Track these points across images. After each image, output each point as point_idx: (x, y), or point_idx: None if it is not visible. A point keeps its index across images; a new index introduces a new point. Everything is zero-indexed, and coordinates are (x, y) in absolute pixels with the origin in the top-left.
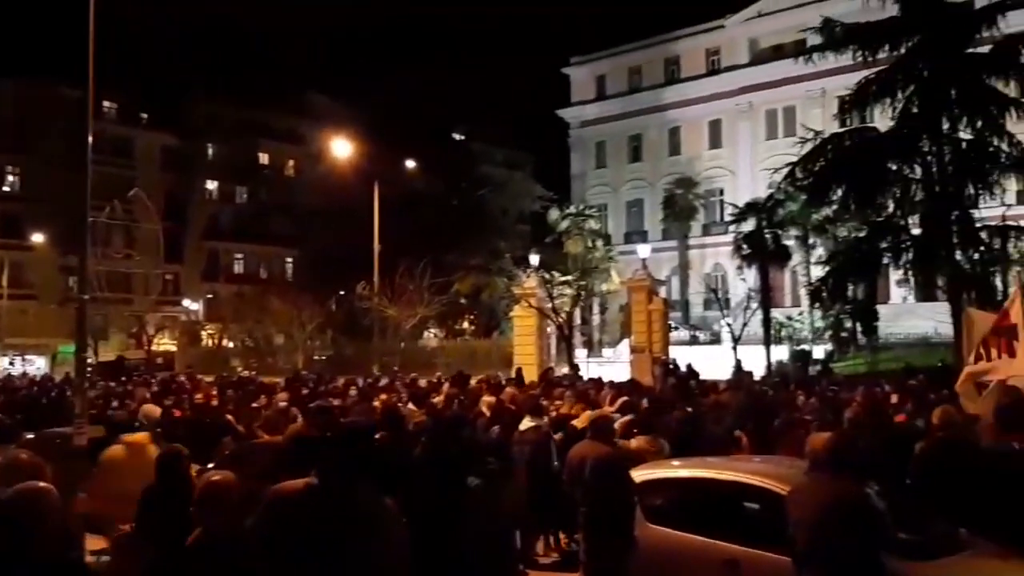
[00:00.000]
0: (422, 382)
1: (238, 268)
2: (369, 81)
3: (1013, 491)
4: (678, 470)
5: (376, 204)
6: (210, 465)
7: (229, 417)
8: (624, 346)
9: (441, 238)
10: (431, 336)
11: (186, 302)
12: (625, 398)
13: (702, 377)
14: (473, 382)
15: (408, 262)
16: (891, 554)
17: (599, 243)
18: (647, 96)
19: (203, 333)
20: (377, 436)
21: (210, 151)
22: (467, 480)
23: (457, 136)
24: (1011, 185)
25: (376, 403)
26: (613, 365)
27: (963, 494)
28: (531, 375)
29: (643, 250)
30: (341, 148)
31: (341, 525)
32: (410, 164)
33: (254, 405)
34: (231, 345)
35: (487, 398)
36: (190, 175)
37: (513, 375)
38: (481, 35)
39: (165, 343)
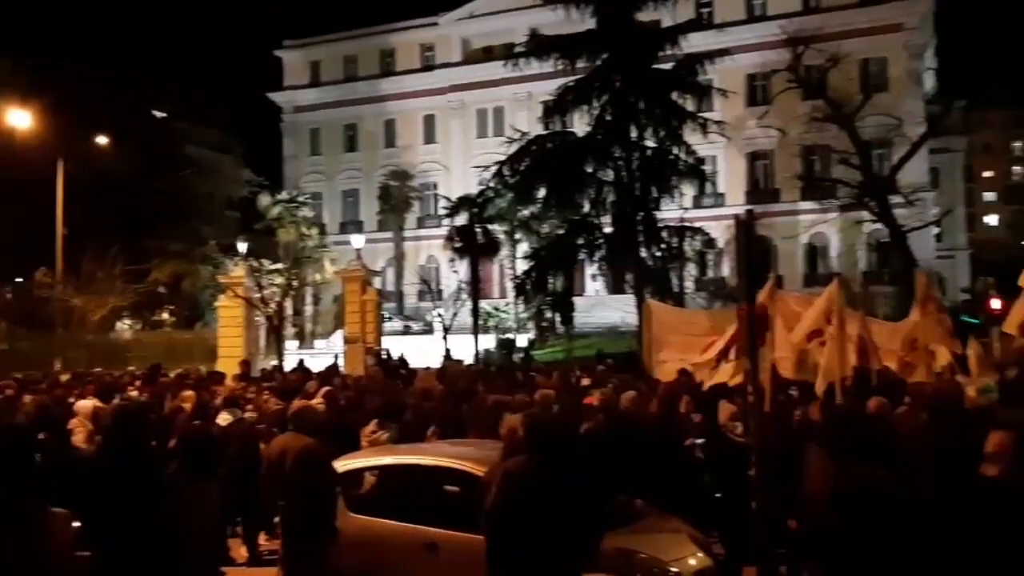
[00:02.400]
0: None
1: None
2: (64, 52)
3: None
4: (380, 458)
5: (60, 183)
6: None
7: None
8: (337, 337)
9: (139, 222)
10: (125, 328)
11: None
12: (328, 388)
13: (413, 366)
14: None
15: (99, 247)
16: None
17: (313, 232)
18: (363, 86)
19: None
20: (41, 437)
21: None
22: (161, 478)
23: (159, 114)
24: (688, 190)
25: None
26: (326, 356)
27: (634, 468)
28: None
29: (358, 240)
30: (19, 119)
31: None
32: (103, 141)
33: None
34: None
35: (187, 393)
36: None
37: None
38: (190, 11)
39: None
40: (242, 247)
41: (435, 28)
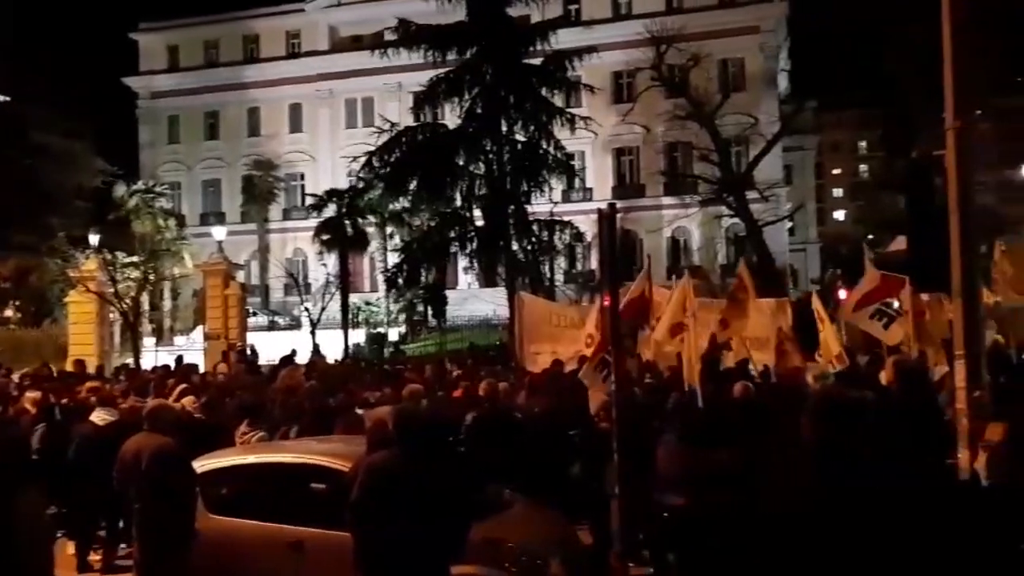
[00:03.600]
0: None
1: None
2: None
3: (542, 454)
4: (242, 457)
5: None
6: None
7: None
8: (198, 333)
9: None
10: None
11: None
12: (185, 385)
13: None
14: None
15: None
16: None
17: (171, 223)
18: (225, 72)
19: None
20: None
21: None
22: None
23: (1, 97)
24: (558, 184)
25: None
26: (186, 353)
27: (505, 457)
28: (91, 367)
29: (219, 232)
30: None
31: None
32: None
33: None
34: None
35: (30, 394)
36: None
37: (73, 367)
38: None
39: None
40: (94, 239)
41: (302, 15)
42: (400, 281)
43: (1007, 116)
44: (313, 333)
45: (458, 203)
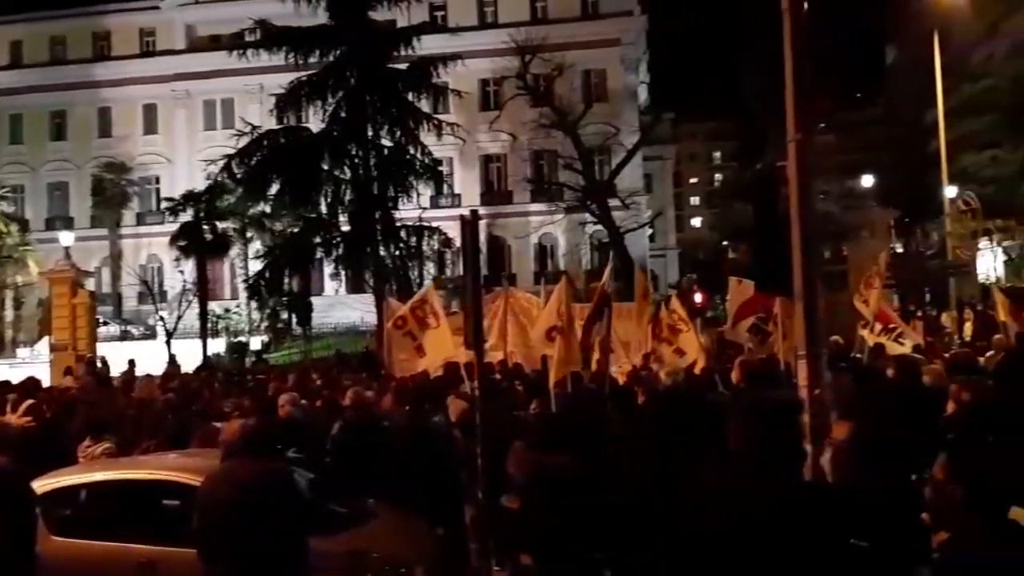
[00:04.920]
0: None
1: None
2: None
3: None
4: (89, 474)
5: None
6: None
7: None
8: (44, 344)
9: None
10: None
11: None
12: (31, 401)
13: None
14: None
15: None
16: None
17: (13, 229)
18: (73, 70)
19: None
20: None
21: None
22: None
23: None
24: (426, 190)
25: None
26: (31, 366)
27: (372, 469)
28: None
29: (66, 238)
30: None
31: None
32: None
33: None
34: None
35: None
36: None
37: None
38: None
39: None
40: None
41: (156, 12)
42: (262, 288)
43: (850, 129)
44: (168, 343)
45: (323, 208)
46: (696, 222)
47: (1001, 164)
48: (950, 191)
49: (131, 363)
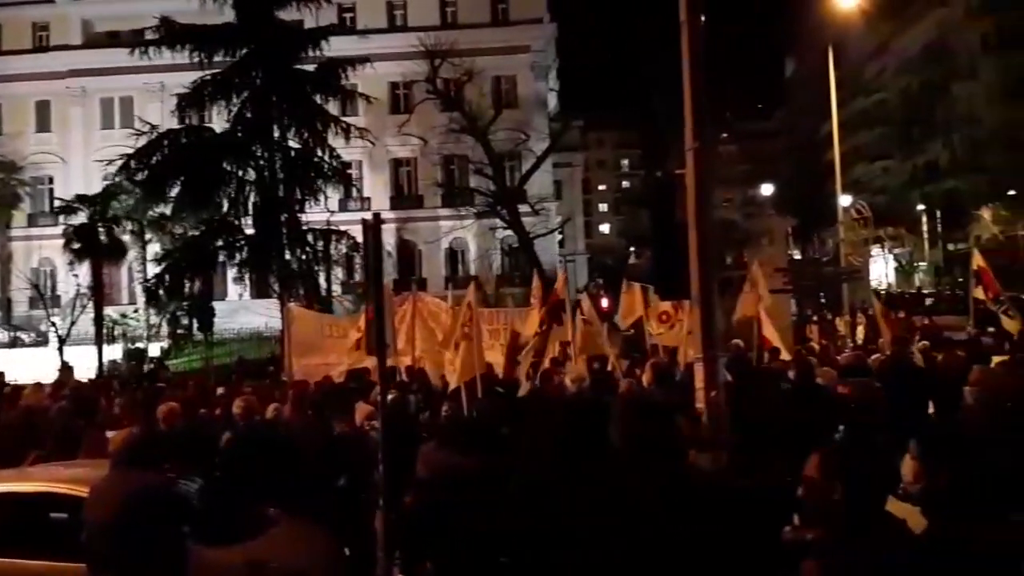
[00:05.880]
0: None
1: None
2: None
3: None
4: None
5: None
6: None
7: None
8: None
9: None
10: None
11: None
12: None
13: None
14: None
15: None
16: (198, 542)
17: None
18: None
19: None
20: None
21: None
22: None
23: None
24: (334, 193)
25: None
26: None
27: (269, 478)
28: None
29: None
30: None
31: None
32: None
33: None
34: None
35: None
36: None
37: None
38: None
39: None
40: None
41: (51, 6)
42: (162, 292)
43: (752, 139)
44: (61, 349)
45: (226, 210)
46: (605, 228)
47: (892, 175)
48: (844, 200)
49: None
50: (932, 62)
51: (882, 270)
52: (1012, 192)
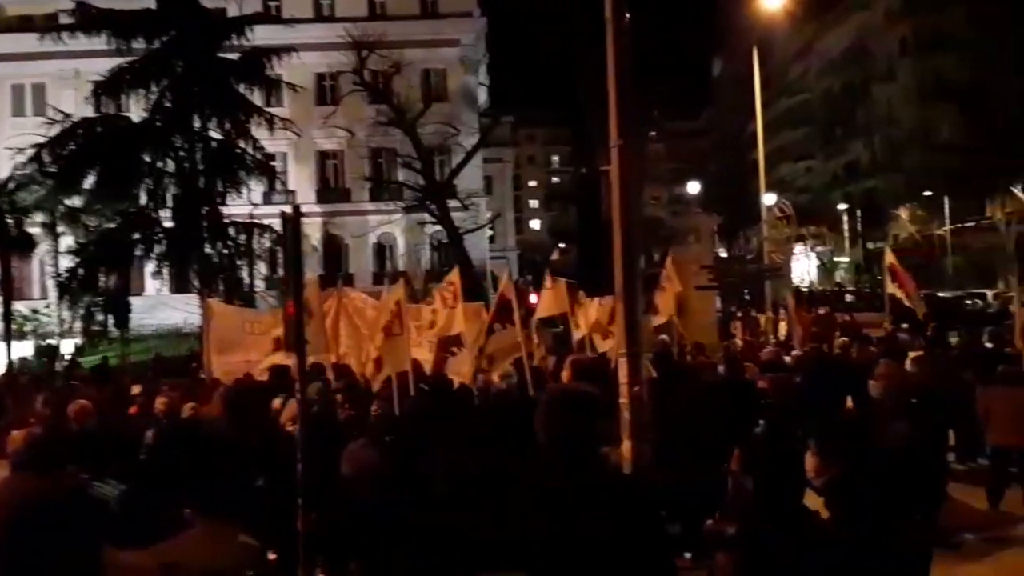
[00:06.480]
0: None
1: None
2: None
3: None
4: None
5: None
6: None
7: None
8: None
9: None
10: None
11: None
12: None
13: None
14: None
15: None
16: (112, 545)
17: None
18: None
19: None
20: None
21: None
22: None
23: None
24: (257, 186)
25: None
26: None
27: (191, 479)
28: None
29: None
30: None
31: None
32: None
33: None
34: None
35: None
36: None
37: None
38: None
39: None
40: None
41: None
42: (75, 287)
43: (679, 138)
44: None
45: (143, 202)
46: (535, 224)
47: (815, 174)
48: (768, 199)
49: None
50: (853, 64)
51: (804, 268)
52: (928, 192)
